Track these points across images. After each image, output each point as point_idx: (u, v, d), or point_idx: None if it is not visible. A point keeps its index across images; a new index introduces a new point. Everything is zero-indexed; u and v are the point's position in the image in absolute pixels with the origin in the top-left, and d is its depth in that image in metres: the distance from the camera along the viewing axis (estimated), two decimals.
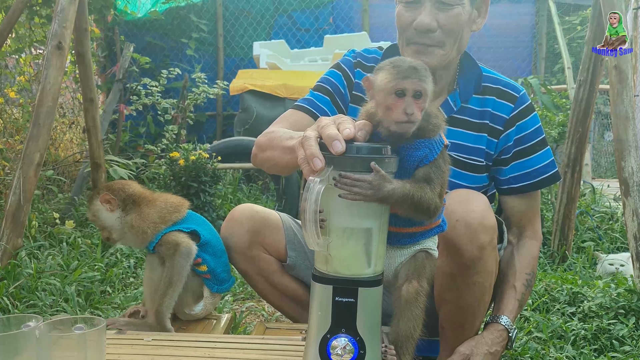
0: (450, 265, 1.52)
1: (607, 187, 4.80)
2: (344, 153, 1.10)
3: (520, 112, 1.72)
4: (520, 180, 1.74)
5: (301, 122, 1.69)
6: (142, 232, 1.69)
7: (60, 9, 2.84)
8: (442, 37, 1.60)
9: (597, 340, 2.20)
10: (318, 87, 1.82)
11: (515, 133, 1.72)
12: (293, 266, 1.87)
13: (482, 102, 1.72)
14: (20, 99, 5.09)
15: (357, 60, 1.82)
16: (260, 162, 1.65)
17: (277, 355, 1.40)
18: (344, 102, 1.79)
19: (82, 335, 1.19)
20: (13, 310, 2.29)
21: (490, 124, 1.72)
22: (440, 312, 1.62)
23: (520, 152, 1.73)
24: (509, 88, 1.74)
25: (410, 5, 1.61)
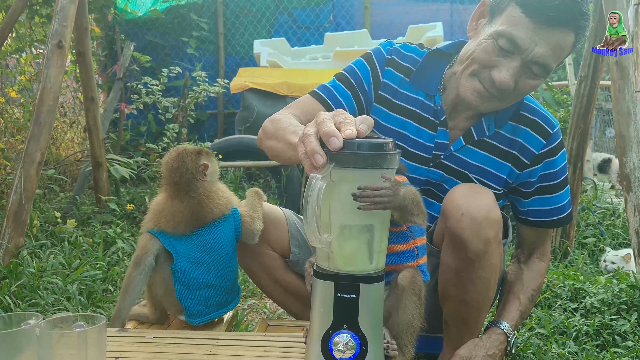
0: (455, 259, 1.51)
1: (608, 183, 4.79)
2: (346, 149, 1.10)
3: (551, 149, 1.67)
4: (538, 215, 1.72)
5: (314, 111, 1.61)
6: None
7: (61, 8, 2.84)
8: (510, 95, 1.54)
9: (599, 336, 2.20)
10: (342, 78, 1.73)
11: (542, 170, 1.68)
12: (296, 262, 1.87)
13: (515, 130, 1.66)
14: (21, 98, 5.09)
15: (391, 57, 1.72)
16: (265, 148, 1.60)
17: (280, 352, 1.40)
18: (366, 99, 1.72)
19: (82, 332, 1.18)
20: (15, 309, 2.29)
21: (518, 154, 1.67)
22: (444, 307, 1.62)
23: (544, 188, 1.70)
24: (545, 122, 1.66)
25: (502, 52, 1.49)
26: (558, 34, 1.46)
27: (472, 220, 1.46)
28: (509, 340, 1.61)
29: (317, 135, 1.14)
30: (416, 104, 1.69)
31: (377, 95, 1.72)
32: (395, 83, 1.71)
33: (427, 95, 1.69)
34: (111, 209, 3.86)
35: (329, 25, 7.01)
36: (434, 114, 1.67)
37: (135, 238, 3.46)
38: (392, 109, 1.71)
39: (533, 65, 1.48)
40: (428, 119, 1.68)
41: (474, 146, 1.67)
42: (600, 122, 7.25)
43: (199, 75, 5.85)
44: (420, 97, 1.69)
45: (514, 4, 1.47)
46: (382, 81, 1.72)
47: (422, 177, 1.70)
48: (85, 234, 3.52)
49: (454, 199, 1.50)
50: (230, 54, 7.10)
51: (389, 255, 1.27)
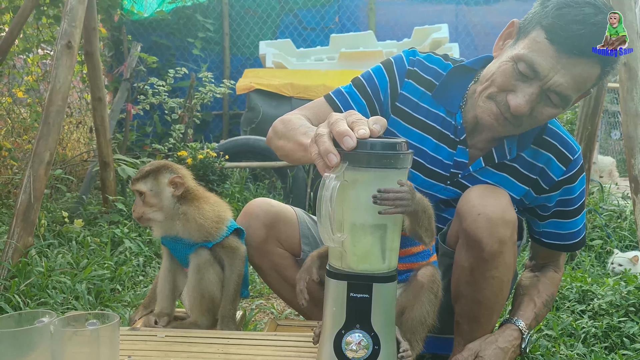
0: (469, 258, 1.51)
1: (615, 185, 4.77)
2: (360, 149, 1.11)
3: (571, 176, 1.66)
4: (552, 238, 1.73)
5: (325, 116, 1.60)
6: (200, 227, 1.60)
7: (70, 9, 2.85)
8: (526, 121, 1.51)
9: (607, 338, 2.20)
10: (358, 84, 1.69)
11: (560, 195, 1.67)
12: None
13: (536, 155, 1.64)
14: (28, 98, 5.11)
15: (413, 69, 1.68)
16: (274, 147, 1.59)
17: (291, 352, 1.40)
18: (381, 109, 1.68)
19: (95, 330, 1.19)
20: (24, 307, 2.30)
21: (538, 179, 1.66)
22: (456, 306, 1.62)
23: (560, 213, 1.70)
24: (567, 148, 1.65)
25: (521, 76, 1.45)
26: (582, 64, 1.42)
27: (487, 220, 1.46)
28: (524, 337, 1.61)
29: (330, 135, 1.15)
30: (437, 119, 1.67)
31: (393, 107, 1.68)
32: (416, 96, 1.67)
33: (449, 112, 1.65)
34: (118, 208, 3.87)
35: (334, 26, 7.02)
36: (454, 132, 1.66)
37: (143, 238, 3.47)
38: (411, 122, 1.68)
39: (551, 94, 1.45)
40: (448, 136, 1.66)
41: (494, 168, 1.66)
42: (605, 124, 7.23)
43: (204, 76, 5.86)
44: (442, 113, 1.66)
45: (539, 28, 1.43)
46: (399, 93, 1.68)
47: (439, 194, 1.69)
48: (93, 233, 3.53)
49: (470, 199, 1.51)
50: (236, 54, 7.11)
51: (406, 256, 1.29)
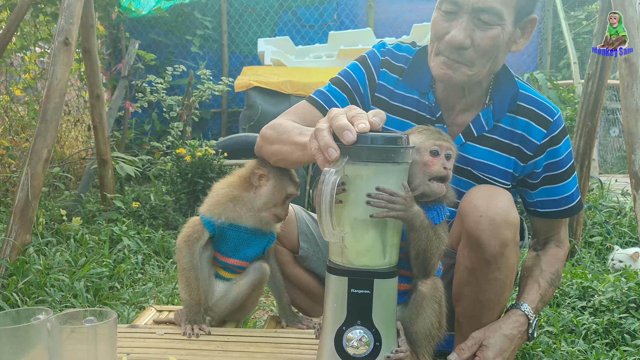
0: (471, 259, 1.49)
1: (614, 182, 4.77)
2: (360, 143, 1.10)
3: (553, 138, 1.62)
4: (546, 206, 1.70)
5: (311, 117, 1.63)
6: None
7: (67, 5, 2.83)
8: (473, 56, 1.49)
9: (608, 335, 2.19)
10: (337, 82, 1.72)
11: (546, 159, 1.64)
12: (305, 258, 1.87)
13: (514, 122, 1.63)
14: (25, 96, 5.09)
15: (385, 58, 1.71)
16: (267, 154, 1.58)
17: (291, 349, 1.39)
18: (362, 102, 1.70)
19: (92, 328, 1.18)
20: (22, 305, 2.29)
21: (520, 147, 1.63)
22: (457, 306, 1.60)
23: (550, 178, 1.66)
24: (544, 111, 1.63)
25: (448, 16, 1.49)
26: None
27: (490, 222, 1.44)
28: (530, 323, 1.58)
29: (330, 129, 1.14)
30: (412, 103, 1.67)
31: (373, 97, 1.71)
32: (391, 84, 1.70)
33: (421, 93, 1.66)
34: (117, 206, 3.86)
35: (333, 23, 7.00)
36: (429, 112, 1.65)
37: (141, 236, 3.46)
38: (390, 110, 1.68)
39: (481, 14, 1.45)
40: (425, 117, 1.66)
41: (475, 142, 1.65)
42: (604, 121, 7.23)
43: (203, 74, 5.84)
44: (416, 96, 1.67)
45: None
46: (377, 83, 1.70)
47: None
48: (91, 231, 3.52)
49: (472, 200, 1.49)
50: (234, 52, 7.10)
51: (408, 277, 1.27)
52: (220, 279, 1.62)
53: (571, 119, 3.95)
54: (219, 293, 1.60)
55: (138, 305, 2.53)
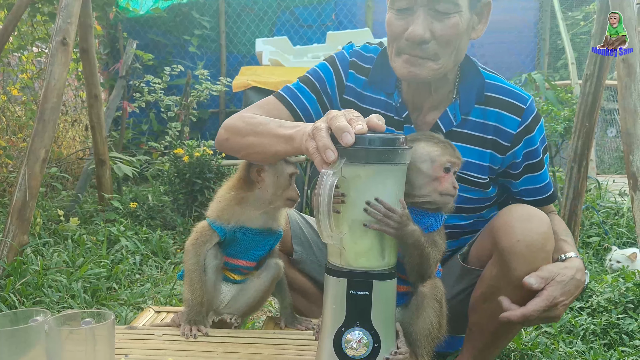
0: (498, 280, 1.46)
1: (612, 182, 4.78)
2: (358, 144, 1.10)
3: (528, 125, 1.59)
4: (531, 195, 1.67)
5: (278, 113, 1.59)
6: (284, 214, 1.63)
7: (65, 5, 2.82)
8: (436, 49, 1.45)
9: (606, 335, 2.19)
10: (306, 81, 1.68)
11: (524, 148, 1.60)
12: (299, 261, 1.86)
13: (485, 113, 1.58)
14: (23, 96, 5.08)
15: (353, 60, 1.68)
16: (234, 147, 1.52)
17: (290, 350, 1.39)
18: (331, 104, 1.67)
19: (90, 329, 1.17)
20: (20, 306, 2.29)
21: (496, 138, 1.59)
22: (472, 315, 1.58)
23: (530, 166, 1.64)
24: (515, 99, 1.58)
25: (403, 13, 1.45)
26: None
27: (527, 249, 1.41)
28: (586, 272, 1.51)
29: (328, 130, 1.13)
30: (380, 105, 1.64)
31: (342, 100, 1.67)
32: (359, 86, 1.66)
33: (387, 94, 1.63)
34: (114, 207, 3.85)
35: (331, 23, 7.00)
36: (396, 112, 1.62)
37: (139, 236, 3.45)
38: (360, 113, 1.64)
39: (436, 5, 1.41)
40: (392, 119, 1.62)
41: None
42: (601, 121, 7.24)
43: (201, 74, 5.84)
44: (383, 97, 1.64)
45: None
46: (346, 85, 1.67)
47: None
48: (89, 232, 3.51)
49: (510, 221, 1.45)
50: (232, 52, 7.09)
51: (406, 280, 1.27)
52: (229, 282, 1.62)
53: (569, 120, 3.95)
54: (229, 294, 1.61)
55: (136, 306, 2.52)
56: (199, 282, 1.51)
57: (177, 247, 3.42)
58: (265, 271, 1.62)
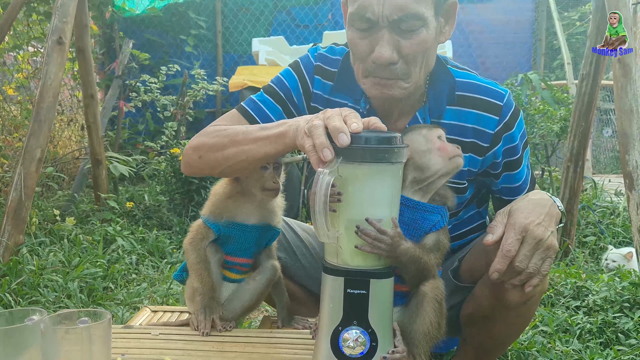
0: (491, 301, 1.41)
1: (608, 182, 4.79)
2: (354, 143, 1.09)
3: (506, 123, 1.48)
4: (510, 194, 1.57)
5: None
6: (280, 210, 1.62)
7: (61, 4, 2.82)
8: (405, 68, 1.35)
9: (602, 334, 2.20)
10: (270, 91, 1.58)
11: (503, 145, 1.51)
12: (284, 266, 1.77)
13: (459, 115, 1.48)
14: (18, 96, 5.06)
15: (318, 64, 1.57)
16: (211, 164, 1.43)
17: (287, 349, 1.38)
18: (298, 112, 1.57)
19: (86, 328, 1.17)
20: (15, 306, 2.28)
21: (475, 140, 1.49)
22: (465, 329, 1.55)
23: (508, 164, 1.54)
24: (491, 96, 1.48)
25: (365, 33, 1.34)
26: None
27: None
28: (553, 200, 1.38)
29: (325, 128, 1.13)
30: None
31: (309, 107, 1.57)
32: (326, 93, 1.57)
33: (355, 100, 1.53)
34: (110, 206, 3.84)
35: (327, 23, 7.00)
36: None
37: (135, 236, 3.45)
38: None
39: (400, 24, 1.30)
40: None
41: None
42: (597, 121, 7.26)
43: (197, 74, 5.83)
44: (350, 103, 1.53)
45: None
46: (312, 92, 1.57)
47: None
48: (85, 231, 3.50)
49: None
50: (229, 52, 7.08)
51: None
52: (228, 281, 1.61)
53: (565, 119, 3.96)
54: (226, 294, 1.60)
55: (132, 305, 2.52)
56: (205, 271, 1.51)
57: (173, 247, 3.42)
58: (261, 274, 1.60)
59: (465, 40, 6.74)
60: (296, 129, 1.20)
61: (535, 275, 1.24)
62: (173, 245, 3.46)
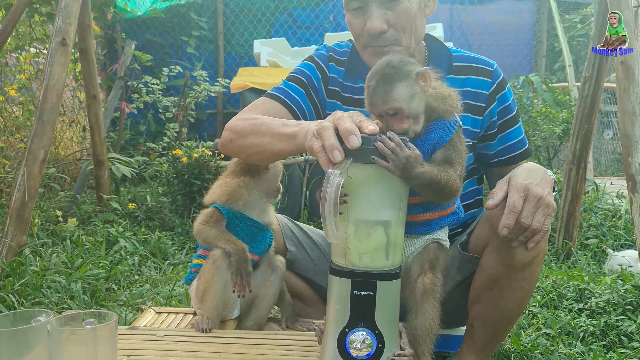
0: (498, 266, 1.47)
1: (610, 184, 4.79)
2: (363, 145, 1.10)
3: (499, 84, 1.71)
4: (508, 152, 1.74)
5: (275, 111, 1.66)
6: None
7: (64, 5, 2.82)
8: (395, 35, 1.57)
9: (605, 337, 2.19)
10: (292, 78, 1.76)
11: (498, 105, 1.71)
12: (293, 260, 1.87)
13: (458, 82, 1.69)
14: (20, 97, 5.06)
15: (330, 54, 1.79)
16: (239, 148, 1.56)
17: (293, 351, 1.39)
18: (318, 96, 1.75)
19: (92, 329, 1.17)
20: (19, 307, 2.27)
21: (472, 102, 1.69)
22: (473, 309, 1.58)
23: (504, 123, 1.73)
24: (482, 64, 1.72)
25: (358, 12, 1.58)
26: None
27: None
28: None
29: (334, 129, 1.13)
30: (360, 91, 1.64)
31: (328, 91, 1.76)
32: (340, 77, 1.75)
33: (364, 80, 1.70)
34: (113, 207, 3.84)
35: (328, 25, 7.00)
36: None
37: (138, 237, 3.45)
38: (343, 101, 1.73)
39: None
40: None
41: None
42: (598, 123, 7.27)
43: (199, 75, 5.83)
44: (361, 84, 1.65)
45: None
46: (329, 76, 1.76)
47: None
48: (87, 232, 3.50)
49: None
50: (230, 53, 7.08)
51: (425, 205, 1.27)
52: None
53: (567, 122, 3.96)
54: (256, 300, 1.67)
55: (135, 307, 2.51)
56: (231, 236, 1.56)
57: (175, 248, 3.42)
58: (274, 273, 1.67)
59: (465, 42, 6.74)
60: (306, 132, 1.22)
61: (538, 232, 1.32)
62: (175, 246, 3.46)
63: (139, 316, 1.80)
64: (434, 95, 1.27)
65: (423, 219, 1.29)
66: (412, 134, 1.23)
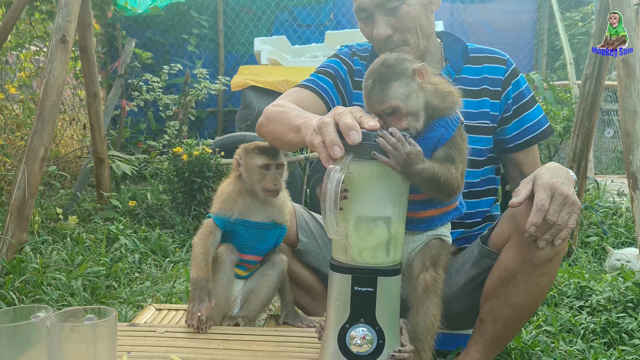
0: (517, 261, 1.46)
1: (610, 182, 4.79)
2: (364, 141, 1.09)
3: (512, 71, 1.80)
4: (524, 134, 1.80)
5: (307, 99, 1.72)
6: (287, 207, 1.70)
7: (65, 3, 2.82)
8: (402, 37, 1.67)
9: (606, 334, 2.19)
10: (320, 71, 1.84)
11: (513, 90, 1.79)
12: (304, 252, 1.87)
13: (475, 70, 1.80)
14: (20, 94, 5.06)
15: (352, 50, 1.89)
16: (265, 133, 1.62)
17: (293, 347, 1.38)
18: (344, 88, 1.83)
19: (92, 326, 1.16)
20: (19, 304, 2.27)
21: (489, 87, 1.78)
22: (486, 304, 1.57)
23: (519, 109, 1.80)
24: (496, 54, 1.83)
25: (367, 20, 1.69)
26: None
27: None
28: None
29: (335, 125, 1.13)
30: None
31: (354, 82, 1.84)
32: (364, 69, 1.78)
33: None
34: (113, 205, 3.84)
35: (329, 23, 6.99)
36: None
37: (138, 235, 3.45)
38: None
39: (385, 4, 1.63)
40: None
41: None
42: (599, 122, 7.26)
43: (199, 73, 5.83)
44: None
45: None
46: (355, 68, 1.85)
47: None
48: (87, 230, 3.50)
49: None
50: (230, 51, 7.08)
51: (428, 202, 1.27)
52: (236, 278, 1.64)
53: (568, 120, 3.96)
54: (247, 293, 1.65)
55: (135, 304, 2.52)
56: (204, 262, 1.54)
57: (176, 246, 3.42)
58: (272, 267, 1.65)
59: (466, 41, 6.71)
60: (308, 126, 1.22)
61: (564, 229, 1.34)
62: (175, 244, 3.46)
63: (140, 313, 1.80)
64: (433, 91, 1.27)
65: (425, 216, 1.29)
66: (413, 132, 1.23)
